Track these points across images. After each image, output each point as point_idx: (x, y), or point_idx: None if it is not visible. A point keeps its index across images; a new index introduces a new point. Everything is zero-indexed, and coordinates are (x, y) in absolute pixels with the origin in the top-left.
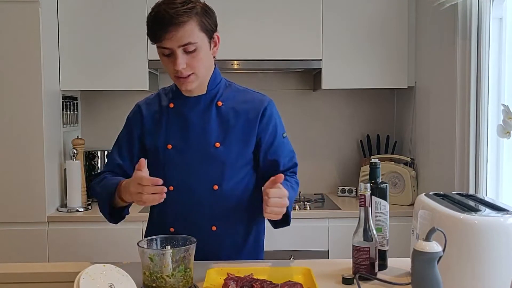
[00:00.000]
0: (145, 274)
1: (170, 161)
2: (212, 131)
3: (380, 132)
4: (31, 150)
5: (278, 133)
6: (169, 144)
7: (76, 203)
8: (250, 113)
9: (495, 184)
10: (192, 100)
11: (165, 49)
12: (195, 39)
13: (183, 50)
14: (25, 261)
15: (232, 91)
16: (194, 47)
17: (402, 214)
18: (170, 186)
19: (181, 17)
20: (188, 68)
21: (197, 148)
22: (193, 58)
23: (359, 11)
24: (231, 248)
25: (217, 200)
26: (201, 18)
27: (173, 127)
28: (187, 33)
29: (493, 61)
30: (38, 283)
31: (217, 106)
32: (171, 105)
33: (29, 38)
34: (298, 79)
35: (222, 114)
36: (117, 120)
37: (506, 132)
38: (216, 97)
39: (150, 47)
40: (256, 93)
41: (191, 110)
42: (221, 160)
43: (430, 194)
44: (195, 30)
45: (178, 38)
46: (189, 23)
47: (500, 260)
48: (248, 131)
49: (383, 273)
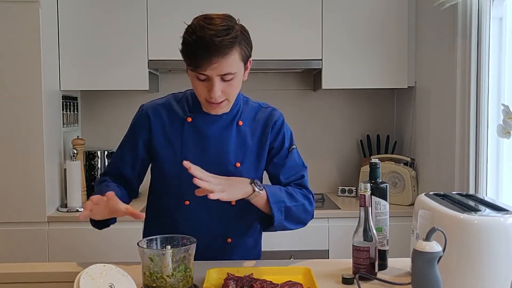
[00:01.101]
0: (145, 274)
1: (186, 176)
2: (231, 150)
3: (380, 132)
4: (31, 150)
5: (284, 147)
6: (187, 159)
7: (76, 203)
8: (262, 129)
9: (495, 184)
10: (212, 117)
11: (201, 75)
12: (235, 69)
13: (220, 78)
14: (25, 261)
15: (250, 108)
16: (232, 76)
17: (402, 214)
18: (185, 201)
19: (227, 49)
20: (222, 95)
21: (215, 165)
22: (229, 86)
23: (359, 11)
24: (242, 256)
25: (233, 214)
26: (242, 47)
27: (190, 142)
28: (229, 64)
29: (493, 61)
30: (38, 283)
31: (238, 125)
32: (188, 119)
33: (29, 38)
34: (298, 79)
35: (241, 134)
36: (117, 120)
37: (506, 132)
38: (237, 116)
39: (150, 47)
40: (268, 108)
41: (210, 127)
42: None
43: (430, 194)
44: (237, 60)
45: (221, 68)
46: (232, 53)
47: (500, 260)
48: (261, 149)
49: (383, 273)
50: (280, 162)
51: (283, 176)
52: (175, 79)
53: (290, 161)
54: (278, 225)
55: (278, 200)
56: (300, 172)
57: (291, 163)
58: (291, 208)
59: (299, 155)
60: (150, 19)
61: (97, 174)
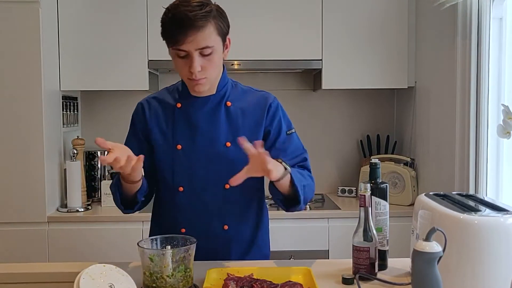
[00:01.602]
0: (145, 274)
1: (179, 162)
2: (221, 131)
3: (380, 132)
4: (31, 150)
5: (283, 130)
6: (179, 144)
7: (76, 203)
8: (257, 112)
9: (495, 184)
10: (200, 100)
11: (180, 51)
12: (212, 42)
13: (199, 53)
14: (25, 261)
15: (238, 91)
16: (211, 50)
17: (402, 214)
18: (179, 187)
19: (200, 21)
20: (203, 71)
21: (206, 148)
22: (208, 61)
23: (359, 11)
24: (241, 247)
25: (228, 199)
26: (217, 22)
27: (181, 127)
28: (205, 37)
29: (493, 61)
30: (38, 283)
31: (226, 106)
32: (178, 105)
33: (29, 38)
34: (298, 79)
35: (231, 114)
36: (117, 120)
37: (506, 132)
38: (224, 97)
39: (150, 47)
40: (260, 91)
41: (199, 110)
42: (232, 159)
43: (430, 194)
44: (213, 34)
45: (197, 42)
46: (208, 27)
47: (500, 260)
48: (256, 130)
49: (383, 273)
50: (280, 146)
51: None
52: (175, 79)
53: (291, 145)
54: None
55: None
56: (302, 155)
57: (293, 147)
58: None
59: (298, 138)
60: (150, 19)
61: (97, 174)
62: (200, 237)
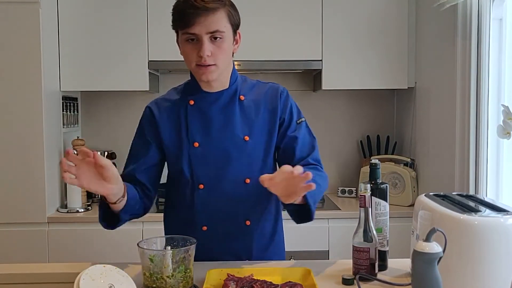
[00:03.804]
0: (145, 275)
1: (197, 160)
2: (237, 126)
3: (380, 133)
4: (31, 150)
5: (294, 118)
6: (195, 142)
7: (76, 204)
8: (270, 103)
9: (495, 185)
10: (214, 95)
11: (191, 35)
12: (222, 28)
13: (209, 37)
14: (25, 261)
15: (248, 85)
16: (221, 36)
17: (402, 215)
18: (200, 184)
19: (213, 3)
20: (212, 57)
21: (224, 143)
22: (218, 48)
23: (359, 11)
24: (262, 243)
25: (250, 193)
26: (229, 9)
27: (196, 124)
28: (217, 20)
29: (493, 62)
30: (38, 284)
31: (240, 100)
32: (191, 102)
33: (29, 39)
34: (298, 79)
35: (245, 108)
36: (117, 121)
37: (506, 132)
38: (237, 91)
39: (150, 48)
40: (268, 83)
41: (213, 105)
42: (250, 153)
43: (430, 195)
44: (224, 20)
45: (208, 24)
46: (219, 11)
47: (500, 260)
48: (272, 122)
49: (383, 274)
50: (291, 134)
51: (298, 151)
52: (175, 80)
53: (302, 134)
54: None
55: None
56: (311, 144)
57: (303, 136)
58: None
59: (308, 127)
60: (150, 19)
61: None
62: (222, 235)
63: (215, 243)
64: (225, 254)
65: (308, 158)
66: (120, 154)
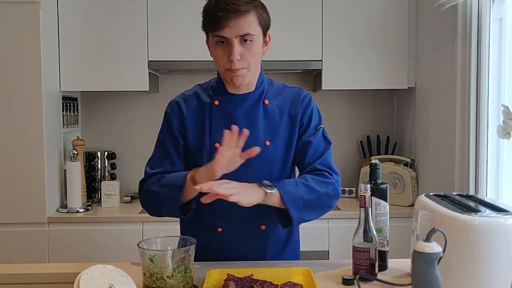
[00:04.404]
0: (145, 275)
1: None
2: (260, 130)
3: (380, 133)
4: (31, 150)
5: (312, 124)
6: (217, 142)
7: (76, 204)
8: (292, 109)
9: (495, 185)
10: (239, 97)
11: (220, 37)
12: (253, 31)
13: (239, 40)
14: (25, 261)
15: (274, 88)
16: (251, 38)
17: (402, 215)
18: None
19: (244, 6)
20: (242, 61)
21: (244, 146)
22: (248, 51)
23: (359, 11)
24: (276, 246)
25: None
26: (260, 12)
27: (218, 125)
28: (247, 24)
29: (493, 62)
30: (38, 284)
31: (264, 104)
32: (216, 103)
33: (29, 39)
34: (298, 79)
35: (269, 112)
36: (117, 121)
37: (506, 132)
38: (262, 95)
39: (150, 48)
40: (294, 88)
41: (238, 108)
42: (270, 158)
43: (430, 195)
44: (254, 23)
45: (238, 28)
46: (250, 14)
47: (500, 260)
48: (293, 127)
49: (383, 274)
50: (306, 140)
51: (308, 155)
52: (175, 80)
53: (316, 139)
54: (297, 222)
55: (294, 198)
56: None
57: (317, 142)
58: (310, 200)
59: (325, 134)
60: (150, 19)
61: (97, 175)
62: (236, 237)
63: (230, 244)
64: (239, 256)
65: (315, 163)
66: (120, 154)
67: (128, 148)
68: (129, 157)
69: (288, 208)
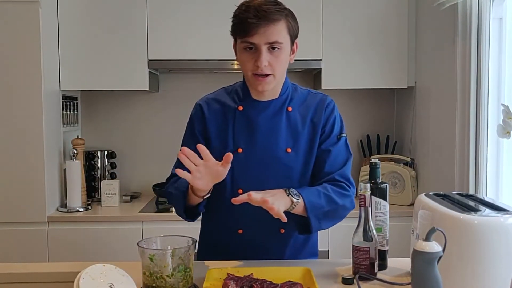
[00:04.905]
0: (145, 274)
1: (239, 165)
2: (282, 137)
3: (380, 132)
4: (31, 150)
5: (334, 133)
6: (240, 147)
7: (76, 203)
8: (315, 116)
9: (495, 184)
10: (262, 104)
11: (249, 44)
12: (282, 39)
13: (268, 48)
14: (25, 261)
15: (299, 95)
16: (279, 46)
17: (402, 214)
18: (239, 189)
19: (274, 15)
20: (269, 67)
21: (266, 152)
22: (275, 58)
23: (359, 11)
24: (294, 248)
25: None
26: (290, 20)
27: (242, 130)
28: (277, 32)
29: (493, 61)
30: (38, 283)
31: (287, 111)
32: (240, 108)
33: (29, 38)
34: (298, 79)
35: (291, 120)
36: (117, 120)
37: (506, 132)
38: (286, 102)
39: (150, 47)
40: (318, 93)
41: (261, 114)
42: (290, 165)
43: (430, 194)
44: (284, 31)
45: (268, 35)
46: (280, 22)
47: (500, 260)
48: (314, 134)
49: (383, 273)
50: (326, 148)
51: (328, 164)
52: (175, 79)
53: (337, 149)
54: (315, 231)
55: (315, 207)
56: (344, 161)
57: (337, 152)
58: (330, 211)
59: (346, 144)
60: (150, 19)
61: (97, 174)
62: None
63: (250, 246)
64: (258, 257)
65: (335, 174)
66: (120, 153)
67: (128, 147)
68: (129, 156)
69: (309, 217)
